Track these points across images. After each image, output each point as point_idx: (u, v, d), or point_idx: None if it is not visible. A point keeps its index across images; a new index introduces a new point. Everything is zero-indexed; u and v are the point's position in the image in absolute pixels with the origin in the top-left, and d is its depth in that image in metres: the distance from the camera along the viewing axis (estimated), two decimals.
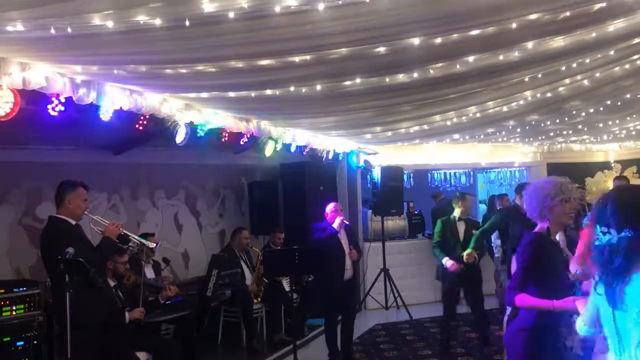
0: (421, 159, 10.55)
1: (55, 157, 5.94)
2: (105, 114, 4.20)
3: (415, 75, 4.44)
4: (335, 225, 6.10)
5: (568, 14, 3.38)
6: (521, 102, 6.23)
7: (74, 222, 4.17)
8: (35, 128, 4.71)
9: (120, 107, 4.29)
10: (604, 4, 3.32)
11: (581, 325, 2.30)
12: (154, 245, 4.99)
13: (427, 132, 8.07)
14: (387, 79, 4.51)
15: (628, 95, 6.33)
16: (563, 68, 4.86)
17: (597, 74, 5.33)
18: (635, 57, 4.86)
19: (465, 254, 6.19)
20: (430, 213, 9.88)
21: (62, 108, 3.84)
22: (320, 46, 3.51)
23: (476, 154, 10.97)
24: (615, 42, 4.28)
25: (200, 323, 6.26)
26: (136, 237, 4.69)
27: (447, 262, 6.33)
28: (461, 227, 6.51)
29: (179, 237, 7.67)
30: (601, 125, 8.59)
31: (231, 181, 8.60)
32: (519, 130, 8.56)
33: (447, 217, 6.65)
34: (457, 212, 6.64)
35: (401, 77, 4.49)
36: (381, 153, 9.85)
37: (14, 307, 4.79)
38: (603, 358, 2.31)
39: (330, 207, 6.31)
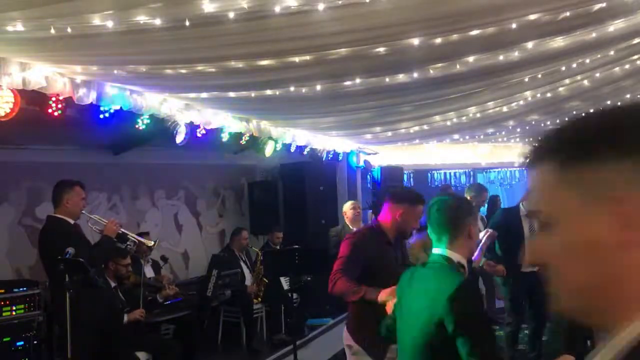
0: (421, 159, 10.53)
1: (55, 157, 5.93)
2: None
3: (415, 75, 4.44)
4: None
5: (568, 14, 3.37)
6: (521, 102, 6.22)
7: (72, 222, 4.16)
8: (35, 128, 4.70)
9: (120, 107, 4.30)
10: (604, 4, 3.32)
11: None
12: (152, 242, 5.01)
13: (427, 132, 8.06)
14: (387, 79, 4.51)
15: (628, 96, 6.33)
16: (563, 68, 4.86)
17: (597, 74, 5.32)
18: (635, 57, 4.87)
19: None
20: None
21: (62, 108, 3.85)
22: (320, 46, 3.51)
23: (476, 154, 10.95)
24: (615, 42, 4.28)
25: (200, 323, 6.23)
26: (134, 236, 4.69)
27: None
28: None
29: (179, 237, 7.66)
30: None
31: (231, 181, 8.58)
32: (519, 130, 8.55)
33: None
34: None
35: (401, 77, 4.49)
36: (381, 153, 9.84)
37: (14, 307, 4.77)
38: None
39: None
